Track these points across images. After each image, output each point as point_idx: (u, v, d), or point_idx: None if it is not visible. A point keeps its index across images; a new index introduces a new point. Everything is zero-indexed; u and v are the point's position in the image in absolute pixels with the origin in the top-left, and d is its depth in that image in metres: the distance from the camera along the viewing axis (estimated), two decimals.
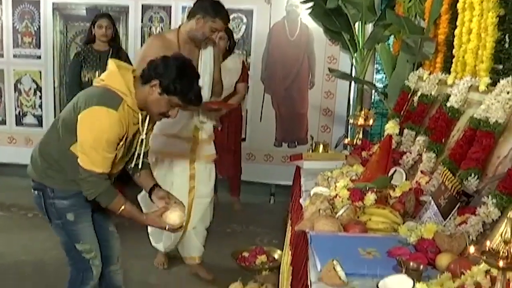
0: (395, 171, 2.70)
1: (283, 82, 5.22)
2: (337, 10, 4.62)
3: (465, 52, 2.76)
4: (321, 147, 3.80)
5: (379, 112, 5.52)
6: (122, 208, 2.39)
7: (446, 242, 1.86)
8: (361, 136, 3.88)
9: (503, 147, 2.05)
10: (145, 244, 3.65)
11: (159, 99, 2.34)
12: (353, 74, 4.96)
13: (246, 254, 3.63)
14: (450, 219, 2.02)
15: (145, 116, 2.42)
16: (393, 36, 4.45)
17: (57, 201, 2.43)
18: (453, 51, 2.94)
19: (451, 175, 2.16)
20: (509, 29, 2.41)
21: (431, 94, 3.08)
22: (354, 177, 2.75)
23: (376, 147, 3.12)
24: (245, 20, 5.16)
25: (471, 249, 1.44)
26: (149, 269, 3.68)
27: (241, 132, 5.06)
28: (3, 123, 5.63)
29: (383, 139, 3.29)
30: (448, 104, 2.65)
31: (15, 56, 5.48)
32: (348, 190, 2.46)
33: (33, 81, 5.51)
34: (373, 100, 5.48)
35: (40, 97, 5.52)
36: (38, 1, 5.34)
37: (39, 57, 5.44)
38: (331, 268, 1.72)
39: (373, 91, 5.03)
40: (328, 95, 5.16)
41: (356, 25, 4.67)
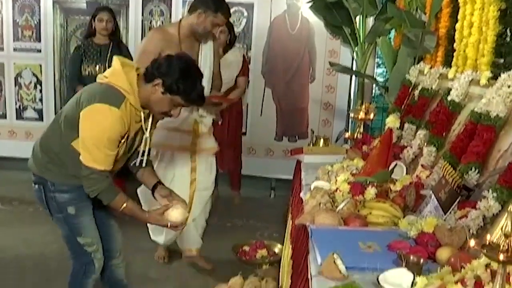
0: (395, 165, 2.69)
1: (284, 76, 5.21)
2: (338, 4, 4.61)
3: (466, 46, 2.75)
4: (321, 141, 3.80)
5: (379, 106, 5.51)
6: (124, 206, 2.39)
7: (446, 236, 1.86)
8: (361, 130, 3.88)
9: (503, 140, 2.05)
10: (146, 238, 3.66)
11: (161, 98, 2.33)
12: (354, 68, 4.95)
13: (246, 248, 3.63)
14: (450, 213, 2.02)
15: (147, 115, 2.42)
16: (394, 30, 4.44)
17: (58, 194, 2.44)
18: (454, 45, 2.93)
19: (451, 169, 2.16)
20: (510, 23, 2.40)
21: (432, 88, 3.07)
22: (354, 171, 2.75)
23: (377, 141, 3.12)
24: (245, 13, 5.15)
25: (472, 243, 1.43)
26: (149, 263, 3.69)
27: (241, 126, 5.06)
28: (3, 117, 5.63)
29: (383, 133, 3.29)
30: (449, 98, 2.65)
31: (15, 49, 5.48)
32: (348, 184, 2.47)
33: (34, 74, 5.51)
34: (373, 94, 5.48)
35: (41, 91, 5.53)
36: None
37: (39, 51, 5.44)
38: (331, 262, 1.72)
39: (374, 85, 5.02)
40: (329, 89, 5.15)
41: (357, 18, 4.66)
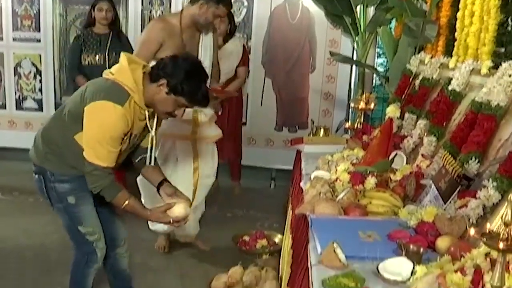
0: (395, 154, 2.69)
1: (284, 66, 5.20)
2: None
3: (467, 35, 2.74)
4: (321, 131, 3.80)
5: (380, 96, 5.49)
6: (126, 203, 2.40)
7: (446, 225, 1.86)
8: (362, 120, 3.87)
9: (504, 130, 2.05)
10: (146, 228, 3.66)
11: (166, 98, 2.32)
12: (355, 58, 4.94)
13: (246, 238, 3.65)
14: (450, 202, 2.02)
15: (152, 113, 2.42)
16: (395, 20, 4.43)
17: (58, 184, 2.44)
18: (455, 34, 2.92)
19: (452, 159, 2.16)
20: (511, 12, 2.39)
21: (432, 78, 3.06)
22: (354, 161, 2.75)
23: (377, 131, 3.12)
24: (246, 3, 5.12)
25: (471, 231, 1.43)
26: (149, 253, 3.70)
27: (241, 117, 5.05)
28: (3, 107, 5.63)
29: (384, 123, 3.29)
30: (450, 88, 2.64)
31: (14, 39, 5.46)
32: (348, 173, 2.46)
33: (33, 64, 5.49)
34: (374, 84, 5.47)
35: (40, 81, 5.52)
36: None
37: (38, 41, 5.42)
38: (331, 251, 1.72)
39: (374, 75, 5.01)
40: (329, 79, 5.14)
41: (358, 8, 4.63)
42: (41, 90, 5.53)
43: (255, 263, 3.23)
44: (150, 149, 2.52)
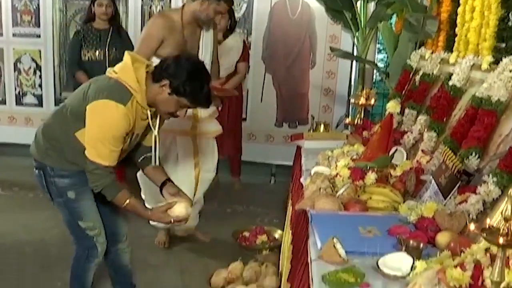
0: (396, 150, 2.69)
1: (284, 61, 5.19)
2: None
3: (468, 31, 2.73)
4: (322, 127, 3.80)
5: (380, 92, 5.49)
6: (127, 202, 2.41)
7: (446, 220, 1.86)
8: (362, 116, 3.87)
9: (504, 125, 2.04)
10: (146, 223, 3.65)
11: (168, 99, 2.32)
12: (355, 53, 4.93)
13: (246, 233, 3.65)
14: (450, 198, 2.02)
15: (154, 113, 2.42)
16: (395, 15, 4.41)
17: (58, 179, 2.45)
18: (456, 29, 2.91)
19: (452, 154, 2.16)
20: None
21: (433, 73, 3.06)
22: (355, 157, 2.75)
23: (377, 126, 3.12)
24: None
25: (471, 226, 1.43)
26: (150, 248, 3.70)
27: (241, 112, 5.04)
28: (3, 102, 5.62)
29: (384, 118, 3.28)
30: (450, 83, 2.64)
31: (14, 35, 5.46)
32: (348, 169, 2.46)
33: (33, 60, 5.48)
34: (374, 80, 5.46)
35: (40, 77, 5.51)
36: None
37: (38, 36, 5.41)
38: (331, 246, 1.72)
39: (375, 70, 5.00)
40: (330, 75, 5.13)
41: (358, 3, 4.61)
42: (41, 85, 5.53)
43: (255, 258, 3.23)
44: (154, 149, 2.52)
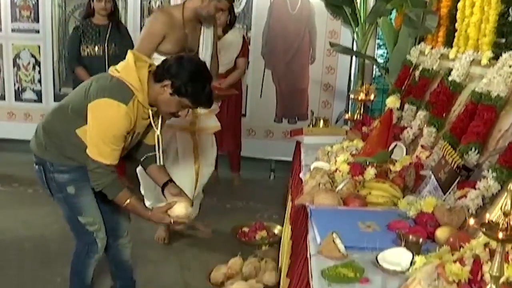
0: (395, 145, 2.69)
1: (284, 57, 5.18)
2: None
3: (467, 26, 2.73)
4: (321, 122, 3.79)
5: (380, 87, 5.48)
6: (128, 202, 2.42)
7: (445, 215, 1.86)
8: (361, 111, 3.86)
9: (504, 120, 2.04)
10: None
11: (169, 99, 2.33)
12: (355, 48, 4.92)
13: (246, 229, 3.65)
14: (450, 193, 2.02)
15: (156, 112, 2.42)
16: (395, 10, 4.40)
17: (57, 175, 2.45)
18: (456, 24, 2.91)
19: (451, 149, 2.16)
20: None
21: (432, 69, 3.05)
22: (354, 152, 2.75)
23: (377, 121, 3.11)
24: None
25: (471, 221, 1.43)
26: (149, 244, 3.70)
27: (241, 108, 5.03)
28: (2, 98, 5.62)
29: (383, 113, 3.28)
30: (450, 78, 2.63)
31: (13, 30, 5.44)
32: (348, 164, 2.46)
33: (32, 55, 5.47)
34: (374, 75, 5.44)
35: (39, 72, 5.50)
36: None
37: (37, 31, 5.40)
38: (330, 241, 1.72)
39: (374, 66, 4.99)
40: (329, 70, 5.12)
41: None
42: (40, 81, 5.52)
43: (255, 254, 3.23)
44: (158, 149, 2.53)
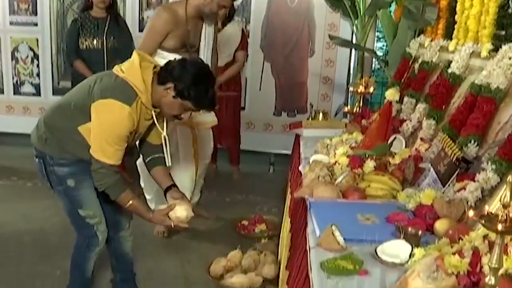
0: (394, 138, 2.69)
1: (283, 50, 5.16)
2: None
3: (467, 18, 2.72)
4: (320, 115, 3.79)
5: (379, 80, 5.47)
6: (130, 203, 2.43)
7: (444, 208, 1.86)
8: (361, 104, 3.86)
9: (504, 113, 2.04)
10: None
11: (172, 102, 2.34)
12: (354, 41, 4.90)
13: (245, 222, 3.67)
14: (449, 185, 2.02)
15: (160, 113, 2.43)
16: (394, 2, 4.38)
17: (57, 168, 2.45)
18: (456, 16, 2.90)
19: (451, 142, 2.16)
20: None
21: (432, 61, 3.05)
22: (353, 145, 2.75)
23: (376, 114, 3.11)
24: None
25: (470, 213, 1.43)
26: (149, 237, 3.69)
27: (240, 101, 5.03)
28: (0, 92, 5.60)
29: (383, 106, 3.28)
30: (449, 71, 2.63)
31: (11, 23, 5.42)
32: (347, 157, 2.46)
33: (30, 49, 5.45)
34: (373, 68, 5.43)
35: (38, 65, 5.48)
36: None
37: (35, 25, 5.38)
38: (329, 234, 1.72)
39: (374, 59, 4.98)
40: (328, 63, 5.11)
41: None
42: (38, 74, 5.50)
43: (254, 247, 3.24)
44: (166, 150, 2.55)
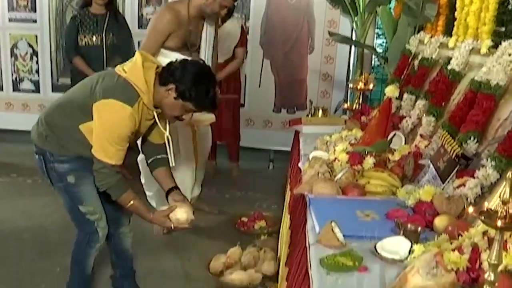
0: (394, 135, 2.69)
1: (283, 46, 5.16)
2: None
3: (467, 15, 2.72)
4: (320, 112, 3.78)
5: (378, 77, 5.47)
6: (131, 203, 2.44)
7: (444, 204, 1.86)
8: (360, 100, 3.86)
9: (503, 109, 2.04)
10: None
11: (174, 103, 2.34)
12: (354, 38, 4.90)
13: (245, 219, 3.66)
14: (448, 182, 2.02)
15: (161, 114, 2.43)
16: None
17: (57, 164, 2.45)
18: (455, 13, 2.89)
19: (450, 138, 2.16)
20: None
21: (432, 58, 3.04)
22: (353, 141, 2.74)
23: (376, 111, 3.11)
24: None
25: (470, 210, 1.43)
26: (148, 234, 3.69)
27: (239, 98, 5.03)
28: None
29: (382, 103, 3.28)
30: (449, 67, 2.63)
31: (10, 20, 5.41)
32: (347, 153, 2.46)
33: (29, 45, 5.45)
34: (373, 65, 5.43)
35: (37, 62, 5.47)
36: None
37: (35, 21, 5.37)
38: (329, 230, 1.72)
39: (373, 55, 4.98)
40: (328, 60, 5.10)
41: None
42: (37, 71, 5.49)
43: (254, 243, 3.23)
44: (169, 150, 2.56)
